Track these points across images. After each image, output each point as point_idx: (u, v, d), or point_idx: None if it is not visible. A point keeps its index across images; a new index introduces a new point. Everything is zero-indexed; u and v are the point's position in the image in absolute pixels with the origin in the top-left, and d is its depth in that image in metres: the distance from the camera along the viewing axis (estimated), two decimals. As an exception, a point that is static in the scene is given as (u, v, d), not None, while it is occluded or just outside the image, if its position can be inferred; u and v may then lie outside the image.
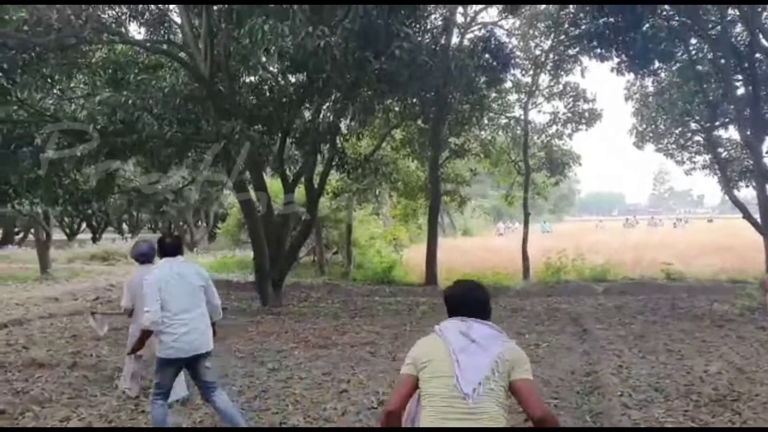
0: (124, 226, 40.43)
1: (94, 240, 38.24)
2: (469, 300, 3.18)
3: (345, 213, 20.65)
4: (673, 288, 15.54)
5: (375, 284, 18.68)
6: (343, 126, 15.03)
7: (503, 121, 20.59)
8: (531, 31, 19.38)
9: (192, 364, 5.32)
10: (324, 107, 13.20)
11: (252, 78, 15.92)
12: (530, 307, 13.55)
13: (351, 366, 8.51)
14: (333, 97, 12.96)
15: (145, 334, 5.36)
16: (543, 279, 18.21)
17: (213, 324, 5.50)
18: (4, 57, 9.34)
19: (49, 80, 10.68)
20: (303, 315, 13.09)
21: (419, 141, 19.74)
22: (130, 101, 10.83)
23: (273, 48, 8.49)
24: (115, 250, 25.28)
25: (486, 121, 20.43)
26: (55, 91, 11.52)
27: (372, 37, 9.17)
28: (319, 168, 15.59)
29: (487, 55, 12.85)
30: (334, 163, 14.30)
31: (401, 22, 9.55)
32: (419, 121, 18.90)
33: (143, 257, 6.81)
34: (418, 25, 12.78)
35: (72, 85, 12.63)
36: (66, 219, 38.13)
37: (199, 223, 34.77)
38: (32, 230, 30.55)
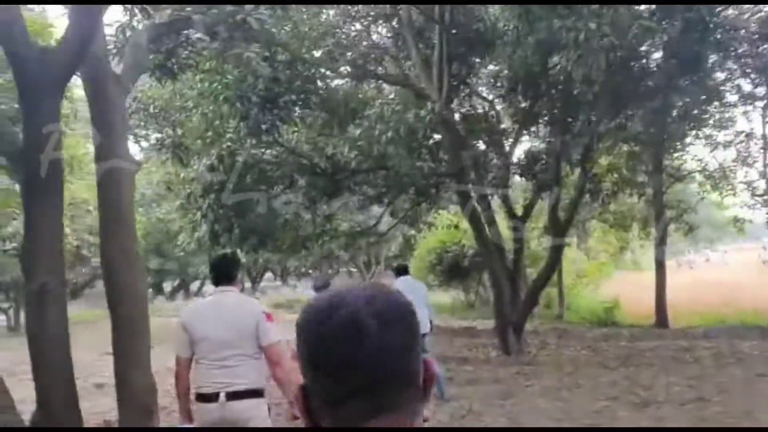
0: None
1: (253, 287, 38.38)
2: None
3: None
4: None
5: (596, 327, 16.90)
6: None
7: (726, 137, 18.35)
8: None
9: None
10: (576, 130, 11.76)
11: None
12: None
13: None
14: (585, 119, 11.57)
15: None
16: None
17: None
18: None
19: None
20: (560, 365, 11.50)
21: (627, 165, 18.00)
22: (384, 135, 9.88)
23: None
24: (296, 299, 24.73)
25: (702, 139, 18.37)
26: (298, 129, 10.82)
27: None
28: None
29: None
30: (587, 190, 12.80)
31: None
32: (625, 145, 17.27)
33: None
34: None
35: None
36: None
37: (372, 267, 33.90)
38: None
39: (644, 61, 10.32)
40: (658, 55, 12.07)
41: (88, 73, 4.84)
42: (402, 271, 9.19)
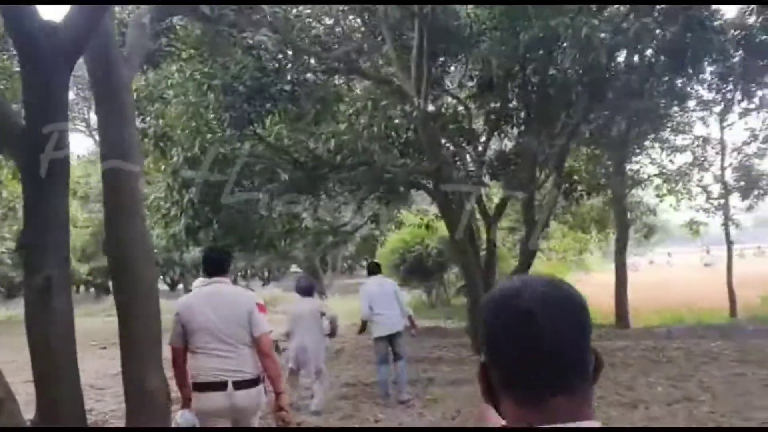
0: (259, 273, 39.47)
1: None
2: None
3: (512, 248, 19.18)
4: None
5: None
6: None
7: (683, 141, 18.86)
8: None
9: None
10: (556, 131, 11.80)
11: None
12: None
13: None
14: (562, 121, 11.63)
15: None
16: (758, 316, 16.19)
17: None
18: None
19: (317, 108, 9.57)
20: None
21: (588, 168, 18.30)
22: (366, 130, 9.68)
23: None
24: (277, 297, 24.04)
25: (660, 142, 18.84)
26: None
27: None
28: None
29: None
30: (562, 190, 12.87)
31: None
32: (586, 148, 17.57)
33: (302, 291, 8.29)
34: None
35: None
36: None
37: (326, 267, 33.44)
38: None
39: (629, 59, 10.41)
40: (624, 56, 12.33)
41: (95, 51, 4.47)
42: (374, 269, 9.39)
